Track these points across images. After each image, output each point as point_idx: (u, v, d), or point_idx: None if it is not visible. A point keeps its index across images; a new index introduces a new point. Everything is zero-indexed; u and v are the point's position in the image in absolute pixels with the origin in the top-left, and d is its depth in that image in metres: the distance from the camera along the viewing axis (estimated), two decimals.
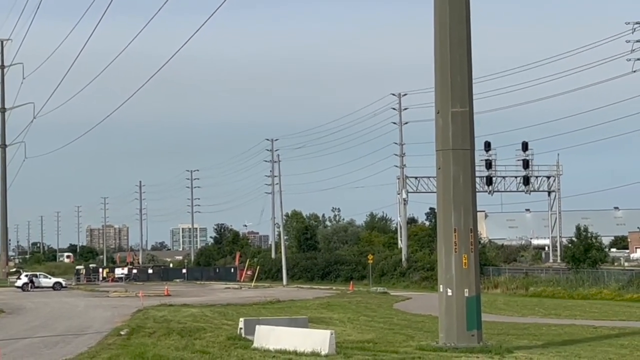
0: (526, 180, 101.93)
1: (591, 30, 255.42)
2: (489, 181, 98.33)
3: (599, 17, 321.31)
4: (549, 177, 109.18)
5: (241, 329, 34.60)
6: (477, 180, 69.69)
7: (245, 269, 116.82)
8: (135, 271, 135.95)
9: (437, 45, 31.66)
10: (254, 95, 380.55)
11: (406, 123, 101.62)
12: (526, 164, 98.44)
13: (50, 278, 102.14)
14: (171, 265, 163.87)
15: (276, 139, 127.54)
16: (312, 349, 28.47)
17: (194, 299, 70.15)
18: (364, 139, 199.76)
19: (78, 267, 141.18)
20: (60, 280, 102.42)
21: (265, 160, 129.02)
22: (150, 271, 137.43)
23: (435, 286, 40.47)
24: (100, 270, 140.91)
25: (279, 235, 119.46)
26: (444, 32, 31.40)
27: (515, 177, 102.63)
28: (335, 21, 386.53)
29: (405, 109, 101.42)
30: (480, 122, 33.22)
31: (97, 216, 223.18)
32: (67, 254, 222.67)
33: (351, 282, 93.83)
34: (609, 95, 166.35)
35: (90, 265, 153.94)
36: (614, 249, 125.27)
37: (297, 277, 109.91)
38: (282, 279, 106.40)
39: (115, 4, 46.19)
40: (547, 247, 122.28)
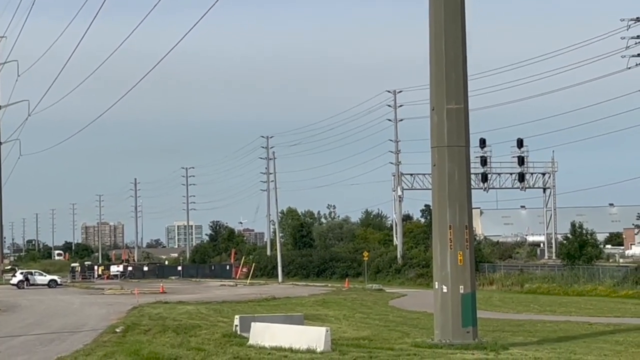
0: (521, 177, 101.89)
1: (586, 27, 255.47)
2: (484, 178, 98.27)
3: (593, 14, 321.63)
4: (544, 174, 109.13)
5: (236, 326, 34.55)
6: (472, 177, 69.75)
7: (241, 266, 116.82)
8: (130, 268, 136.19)
9: (432, 42, 31.64)
10: (249, 92, 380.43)
11: (401, 120, 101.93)
12: (521, 160, 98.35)
13: (45, 275, 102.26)
14: (166, 262, 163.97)
15: (271, 136, 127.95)
16: (307, 346, 28.45)
17: (189, 297, 70.17)
18: (360, 136, 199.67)
19: (73, 265, 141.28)
20: (55, 277, 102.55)
21: (261, 158, 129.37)
22: (146, 268, 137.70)
23: (430, 283, 40.47)
24: (96, 267, 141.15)
25: (275, 232, 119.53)
26: (439, 29, 31.37)
27: (511, 173, 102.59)
28: (331, 19, 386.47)
29: (401, 105, 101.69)
30: (475, 119, 33.13)
31: (92, 213, 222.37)
32: (58, 252, 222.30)
33: (346, 279, 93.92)
34: (604, 92, 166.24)
35: (86, 263, 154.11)
36: (608, 246, 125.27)
37: (293, 274, 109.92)
38: (277, 276, 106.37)
39: (110, 2, 46.10)
40: (542, 244, 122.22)
